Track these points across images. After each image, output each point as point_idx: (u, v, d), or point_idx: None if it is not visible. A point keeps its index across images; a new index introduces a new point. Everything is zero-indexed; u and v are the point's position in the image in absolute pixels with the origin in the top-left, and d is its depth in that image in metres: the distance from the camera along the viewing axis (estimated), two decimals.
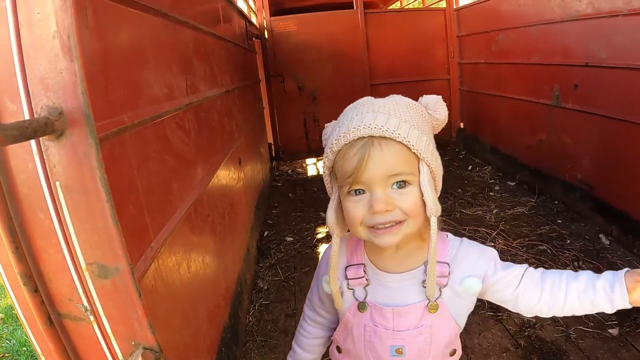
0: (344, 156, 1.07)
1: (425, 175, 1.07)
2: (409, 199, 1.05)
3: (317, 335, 1.44)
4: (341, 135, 1.07)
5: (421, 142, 1.06)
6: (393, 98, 1.14)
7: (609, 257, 3.36)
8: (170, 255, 1.62)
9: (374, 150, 1.03)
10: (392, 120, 1.04)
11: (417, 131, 1.06)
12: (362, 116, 1.07)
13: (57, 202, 0.61)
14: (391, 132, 1.02)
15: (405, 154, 1.04)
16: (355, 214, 1.08)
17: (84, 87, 0.57)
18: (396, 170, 1.03)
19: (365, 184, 1.05)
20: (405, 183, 1.06)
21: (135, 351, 0.68)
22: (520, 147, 5.16)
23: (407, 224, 1.07)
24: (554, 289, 1.15)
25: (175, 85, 1.95)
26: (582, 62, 3.84)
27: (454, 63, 6.79)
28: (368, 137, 1.04)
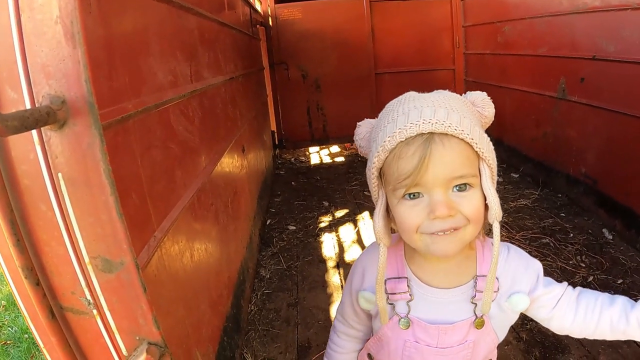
0: (399, 155, 0.96)
1: (489, 177, 0.99)
2: (472, 202, 0.97)
3: (351, 349, 1.35)
4: (396, 132, 0.96)
5: (483, 140, 0.99)
6: (442, 93, 1.05)
7: (612, 252, 3.34)
8: (174, 244, 1.61)
9: (436, 147, 0.93)
10: (453, 115, 0.95)
11: (477, 128, 0.98)
12: (419, 110, 0.96)
13: (60, 194, 0.60)
14: (454, 128, 0.93)
15: (469, 153, 0.96)
16: (412, 220, 0.98)
17: (87, 74, 0.54)
18: (460, 171, 0.94)
19: (424, 187, 0.95)
20: (467, 185, 0.97)
21: (140, 346, 0.66)
22: (525, 140, 5.13)
23: (466, 230, 0.98)
24: (588, 314, 1.10)
25: (179, 73, 1.93)
26: (590, 55, 3.80)
27: (459, 53, 6.74)
28: (428, 133, 0.93)
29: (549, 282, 1.14)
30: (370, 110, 6.87)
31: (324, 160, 6.91)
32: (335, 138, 7.20)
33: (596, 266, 3.16)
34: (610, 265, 3.15)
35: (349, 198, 5.08)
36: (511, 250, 1.15)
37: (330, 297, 3.16)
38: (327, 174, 6.06)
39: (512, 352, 2.44)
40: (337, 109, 6.98)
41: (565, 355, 2.39)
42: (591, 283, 2.95)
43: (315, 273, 3.51)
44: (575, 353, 2.39)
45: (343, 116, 6.93)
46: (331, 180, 5.75)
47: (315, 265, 3.63)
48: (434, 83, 6.85)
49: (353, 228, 4.27)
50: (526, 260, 1.15)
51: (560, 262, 3.24)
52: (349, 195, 5.15)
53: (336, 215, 4.61)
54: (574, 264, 3.21)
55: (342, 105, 6.93)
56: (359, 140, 1.16)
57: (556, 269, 3.16)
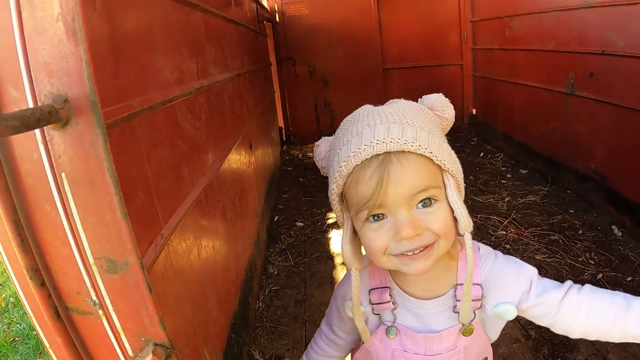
0: (357, 179, 0.92)
1: (453, 188, 0.96)
2: (438, 217, 0.93)
3: (331, 355, 1.32)
4: (350, 155, 0.92)
5: (443, 151, 0.94)
6: (396, 103, 1.03)
7: (621, 249, 3.31)
8: (181, 242, 1.61)
9: (393, 168, 0.89)
10: (407, 130, 0.91)
11: (436, 138, 0.94)
12: (372, 129, 0.93)
13: (63, 194, 0.59)
14: (410, 145, 0.89)
15: (428, 167, 0.92)
16: (378, 243, 0.95)
17: (90, 72, 0.53)
18: (420, 186, 0.91)
19: (386, 208, 0.92)
20: (432, 200, 0.93)
21: (146, 347, 0.65)
22: (534, 135, 5.09)
23: (439, 245, 0.95)
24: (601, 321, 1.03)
25: (185, 69, 1.92)
26: (599, 50, 3.76)
27: (467, 48, 6.69)
28: (384, 153, 0.89)
29: (545, 289, 1.06)
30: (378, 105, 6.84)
31: None
32: None
33: (605, 263, 3.14)
34: (620, 263, 3.12)
35: None
36: (499, 258, 1.10)
37: None
38: None
39: (521, 350, 2.42)
40: (345, 105, 6.88)
41: (574, 354, 2.37)
42: (600, 280, 2.92)
43: (323, 270, 3.50)
44: (584, 351, 2.37)
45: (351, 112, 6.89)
46: None
47: (323, 262, 3.62)
48: (441, 78, 6.85)
49: None
50: (517, 268, 1.09)
51: (569, 259, 3.22)
52: None
53: None
54: (583, 261, 3.18)
55: (350, 101, 6.83)
56: (320, 161, 1.13)
57: (565, 266, 3.13)
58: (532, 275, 1.07)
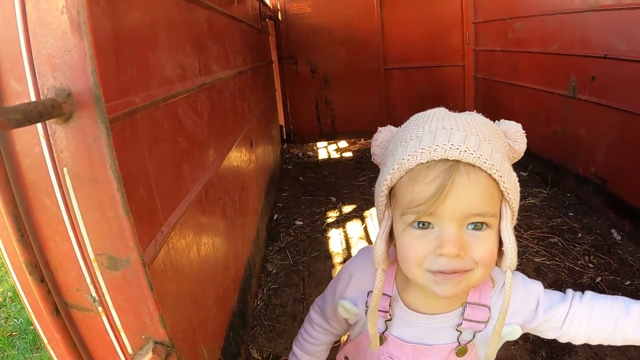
0: (417, 178, 0.85)
1: (509, 221, 0.90)
2: (485, 245, 0.87)
3: (324, 341, 1.30)
4: (418, 151, 0.85)
5: (511, 179, 0.88)
6: (475, 116, 0.94)
7: (620, 253, 3.31)
8: (181, 239, 1.60)
9: (459, 178, 0.83)
10: (484, 145, 0.85)
11: (507, 164, 0.88)
12: (449, 133, 0.86)
13: (65, 189, 0.58)
14: (484, 161, 0.83)
15: (493, 191, 0.86)
16: (417, 252, 0.88)
17: (94, 66, 0.52)
18: (480, 209, 0.85)
19: (437, 217, 0.85)
20: (484, 225, 0.87)
21: (146, 345, 0.65)
22: (534, 138, 5.05)
23: (474, 274, 0.88)
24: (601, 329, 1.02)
25: (188, 66, 1.91)
26: (601, 53, 3.75)
27: (469, 50, 6.68)
28: (454, 160, 0.83)
29: (551, 304, 1.04)
30: (378, 106, 6.85)
31: (332, 156, 6.89)
32: (343, 133, 7.19)
33: (604, 267, 3.13)
34: (619, 267, 3.12)
35: (356, 194, 5.05)
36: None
37: None
38: (334, 169, 6.04)
39: (519, 352, 2.42)
40: (346, 104, 6.95)
41: (571, 356, 2.37)
42: (599, 284, 2.92)
43: (322, 269, 3.49)
44: (582, 354, 2.37)
45: (352, 111, 6.92)
46: (339, 176, 5.73)
47: (322, 261, 3.61)
48: (443, 79, 6.84)
49: (360, 224, 4.25)
50: (523, 288, 1.05)
51: (569, 262, 3.21)
52: (357, 191, 5.13)
53: (343, 210, 4.59)
54: (582, 264, 3.18)
55: (351, 100, 6.91)
56: (375, 147, 1.06)
57: (564, 269, 3.13)
58: (539, 293, 1.05)
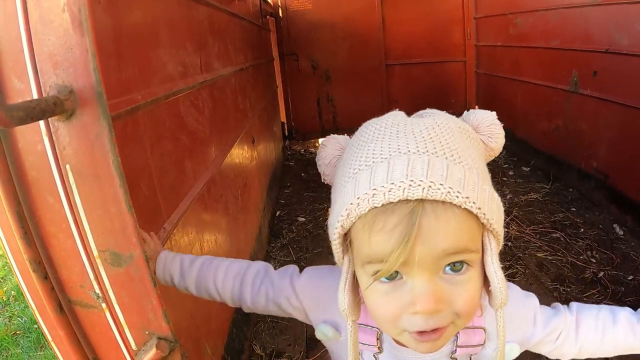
0: (372, 226, 0.69)
1: (495, 253, 0.75)
2: (466, 293, 0.72)
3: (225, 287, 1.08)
4: (369, 193, 0.68)
5: (492, 204, 0.72)
6: (437, 120, 0.77)
7: (623, 248, 3.31)
8: (183, 236, 1.61)
9: (426, 221, 0.66)
10: (454, 170, 0.69)
11: (486, 186, 0.73)
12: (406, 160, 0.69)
13: (68, 186, 0.58)
14: (455, 195, 0.66)
15: (471, 225, 0.70)
16: (387, 312, 0.74)
17: (95, 63, 0.53)
18: (456, 247, 0.69)
19: (405, 268, 0.69)
20: (463, 265, 0.71)
21: (149, 341, 0.65)
22: (536, 133, 5.08)
23: (455, 325, 0.75)
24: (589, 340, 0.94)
25: (189, 63, 1.92)
26: (603, 48, 3.74)
27: (470, 45, 6.67)
28: (416, 200, 0.66)
29: (548, 319, 0.94)
30: (380, 102, 6.83)
31: None
32: (345, 129, 7.12)
33: (607, 262, 3.13)
34: (621, 261, 3.12)
35: None
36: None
37: None
38: None
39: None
40: (348, 100, 6.94)
41: None
42: (602, 279, 2.92)
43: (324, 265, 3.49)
44: None
45: (353, 107, 6.91)
46: None
47: (325, 257, 3.61)
48: (444, 75, 6.83)
49: None
50: (521, 304, 0.94)
51: (571, 257, 3.21)
52: None
53: None
54: (584, 259, 3.18)
55: (353, 96, 6.89)
56: (323, 166, 0.92)
57: (566, 264, 3.13)
58: (536, 308, 0.94)
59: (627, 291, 2.78)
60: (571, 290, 2.84)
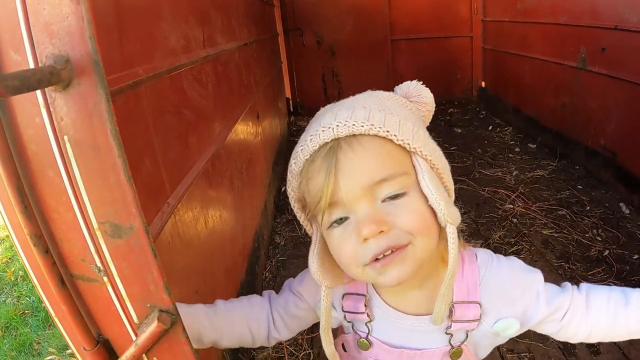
0: (307, 176, 0.80)
1: (425, 172, 0.79)
2: (407, 210, 0.77)
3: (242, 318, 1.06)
4: (298, 151, 0.81)
5: (406, 130, 0.78)
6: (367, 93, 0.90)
7: (629, 227, 3.29)
8: (188, 211, 1.60)
9: (343, 155, 0.75)
10: (359, 111, 0.78)
11: (396, 117, 0.79)
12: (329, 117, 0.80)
13: (66, 158, 0.58)
14: (360, 126, 0.75)
15: (390, 150, 0.77)
16: (345, 251, 0.79)
17: (91, 31, 0.52)
18: (380, 174, 0.76)
19: (344, 206, 0.77)
20: (399, 195, 0.77)
21: (151, 314, 0.65)
22: (543, 109, 5.04)
23: (414, 246, 0.77)
24: (601, 321, 0.91)
25: (192, 37, 1.90)
26: (612, 25, 3.68)
27: (477, 20, 6.59)
28: (332, 140, 0.76)
29: (553, 296, 0.93)
30: (385, 77, 6.78)
31: None
32: None
33: (612, 240, 3.12)
34: (627, 240, 3.11)
35: None
36: (501, 264, 0.93)
37: None
38: None
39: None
40: (353, 75, 6.90)
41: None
42: (607, 257, 2.91)
43: None
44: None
45: (359, 83, 6.84)
46: None
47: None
48: (450, 50, 6.77)
49: None
50: (522, 275, 0.94)
51: (576, 234, 3.21)
52: None
53: None
54: (590, 237, 3.17)
55: (358, 71, 6.85)
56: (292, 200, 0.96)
57: (572, 242, 3.13)
58: (539, 283, 0.93)
59: (632, 270, 2.77)
60: (576, 268, 2.84)
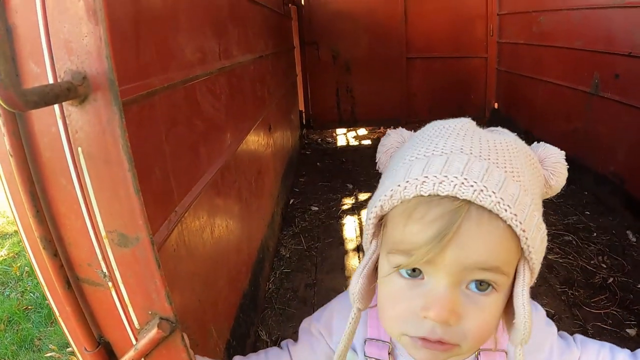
0: (412, 213, 0.66)
1: (526, 284, 0.70)
2: (483, 315, 0.68)
3: None
4: (420, 179, 0.66)
5: (539, 233, 0.69)
6: (506, 137, 0.75)
7: (635, 255, 3.27)
8: (194, 220, 1.63)
9: (468, 224, 0.63)
10: (510, 184, 0.66)
11: (536, 212, 0.69)
12: (465, 160, 0.67)
13: (79, 169, 0.61)
14: (504, 206, 0.63)
15: (510, 245, 0.66)
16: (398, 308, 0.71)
17: (108, 51, 0.55)
18: (489, 263, 0.65)
19: (430, 267, 0.67)
20: (489, 287, 0.68)
21: (152, 321, 0.68)
22: (554, 133, 5.03)
23: (461, 349, 0.70)
24: None
25: (208, 49, 1.93)
26: (626, 51, 3.69)
27: (492, 42, 6.61)
28: (464, 200, 0.64)
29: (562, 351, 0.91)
30: (399, 95, 6.81)
31: (351, 143, 6.89)
32: (363, 121, 7.18)
33: (617, 268, 3.11)
34: (632, 268, 3.09)
35: (373, 182, 5.03)
36: None
37: (348, 280, 3.17)
38: (352, 156, 6.04)
39: None
40: (367, 91, 6.93)
41: None
42: (611, 285, 2.90)
43: (334, 255, 3.52)
44: None
45: (372, 99, 6.90)
46: (357, 163, 5.73)
47: (335, 247, 3.64)
48: (465, 71, 6.79)
49: None
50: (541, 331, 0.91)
51: (582, 261, 3.19)
52: (374, 179, 5.11)
53: (359, 198, 4.60)
54: (595, 264, 3.15)
55: (372, 88, 6.88)
56: (381, 154, 0.89)
57: (577, 268, 3.11)
58: (554, 337, 0.91)
59: (635, 299, 2.76)
60: (579, 294, 2.82)
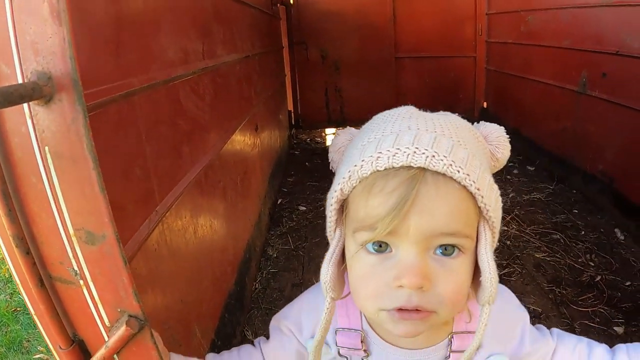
0: (371, 189, 0.69)
1: (488, 242, 0.73)
2: (453, 277, 0.71)
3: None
4: (374, 155, 0.69)
5: (491, 193, 0.72)
6: (450, 117, 0.80)
7: (622, 253, 3.30)
8: (177, 219, 1.63)
9: (426, 190, 0.66)
10: (459, 150, 0.69)
11: (487, 175, 0.73)
12: (414, 134, 0.70)
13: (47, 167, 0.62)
14: (457, 168, 0.67)
15: (468, 206, 0.70)
16: (371, 284, 0.73)
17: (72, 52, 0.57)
18: (451, 227, 0.68)
19: (396, 238, 0.69)
20: (455, 250, 0.71)
21: (121, 318, 0.69)
22: (543, 132, 5.07)
23: (438, 315, 0.72)
24: None
25: (191, 49, 1.94)
26: (613, 50, 3.72)
27: (481, 41, 6.65)
28: (419, 168, 0.67)
29: (536, 339, 0.92)
30: (389, 94, 6.83)
31: None
32: (352, 121, 7.17)
33: (605, 266, 3.13)
34: (620, 266, 3.11)
35: None
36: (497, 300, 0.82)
37: None
38: None
39: None
40: (356, 91, 6.95)
41: None
42: (598, 283, 2.92)
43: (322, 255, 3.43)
44: None
45: (361, 99, 6.91)
46: None
47: (323, 247, 3.60)
48: (454, 70, 6.81)
49: None
50: (512, 313, 0.92)
51: (569, 259, 3.22)
52: None
53: None
54: (582, 262, 3.18)
55: (361, 88, 6.90)
56: (332, 153, 0.92)
57: (564, 266, 3.13)
58: (525, 321, 0.92)
59: (623, 297, 2.77)
60: (567, 292, 2.84)
